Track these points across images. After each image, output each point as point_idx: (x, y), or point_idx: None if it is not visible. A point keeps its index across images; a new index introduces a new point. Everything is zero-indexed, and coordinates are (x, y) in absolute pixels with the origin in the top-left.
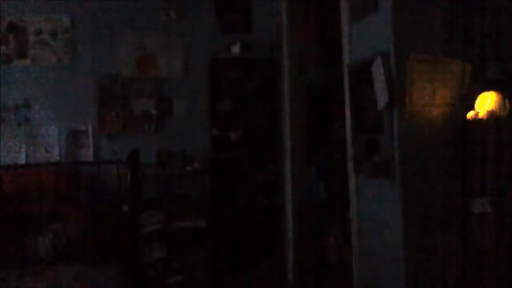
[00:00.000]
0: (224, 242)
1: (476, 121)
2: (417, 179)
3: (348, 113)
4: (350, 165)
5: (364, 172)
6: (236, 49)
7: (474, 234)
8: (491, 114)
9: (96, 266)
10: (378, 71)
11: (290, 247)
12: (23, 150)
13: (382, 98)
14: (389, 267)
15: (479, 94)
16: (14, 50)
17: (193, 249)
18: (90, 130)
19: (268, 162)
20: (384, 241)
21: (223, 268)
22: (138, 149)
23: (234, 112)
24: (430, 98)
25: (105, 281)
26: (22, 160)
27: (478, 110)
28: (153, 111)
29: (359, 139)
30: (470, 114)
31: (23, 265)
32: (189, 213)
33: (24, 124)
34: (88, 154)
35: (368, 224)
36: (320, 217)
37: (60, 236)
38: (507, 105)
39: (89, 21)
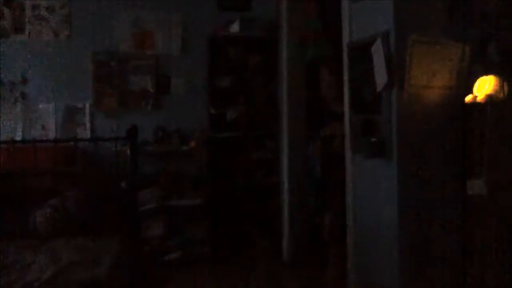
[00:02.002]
0: (221, 220)
1: (474, 104)
2: (414, 160)
3: (346, 92)
4: (347, 144)
5: (361, 152)
6: (235, 27)
7: (471, 214)
8: (490, 98)
9: (95, 240)
10: (378, 52)
11: (285, 225)
12: (19, 126)
13: (381, 78)
14: (384, 247)
15: (478, 76)
16: (11, 25)
17: (190, 226)
18: (87, 107)
19: (265, 140)
20: (380, 221)
21: (220, 245)
22: (137, 126)
23: (233, 90)
24: (429, 80)
25: (104, 255)
26: (18, 136)
27: (477, 94)
28: (151, 89)
29: (357, 118)
30: (468, 98)
31: (21, 238)
32: (186, 191)
33: (20, 100)
34: (85, 131)
35: (364, 204)
36: (316, 196)
37: (59, 211)
38: (506, 88)
39: None
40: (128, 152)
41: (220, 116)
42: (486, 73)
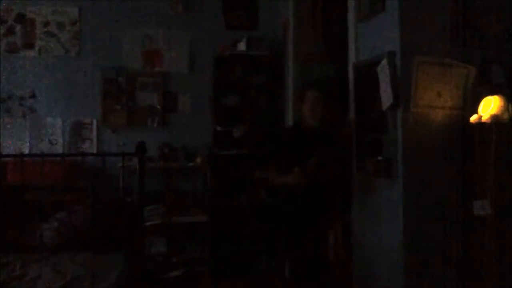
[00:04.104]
0: (224, 238)
1: (479, 124)
2: (419, 180)
3: (352, 112)
4: (353, 164)
5: (366, 171)
6: (242, 46)
7: (474, 235)
8: (494, 118)
9: (100, 255)
10: (383, 72)
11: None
12: (27, 140)
13: (386, 98)
14: (388, 267)
15: (483, 97)
16: (21, 41)
17: (194, 243)
18: (94, 123)
19: (270, 158)
20: (385, 240)
21: (222, 263)
22: (144, 142)
23: (238, 109)
24: (434, 100)
25: (109, 269)
26: (26, 151)
27: (482, 114)
28: (157, 106)
29: (363, 138)
30: (473, 118)
31: (27, 252)
32: (190, 208)
33: (29, 115)
34: (91, 146)
35: (369, 223)
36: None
37: (65, 225)
38: (510, 109)
39: (96, 14)
40: (136, 167)
41: (225, 134)
42: (491, 94)
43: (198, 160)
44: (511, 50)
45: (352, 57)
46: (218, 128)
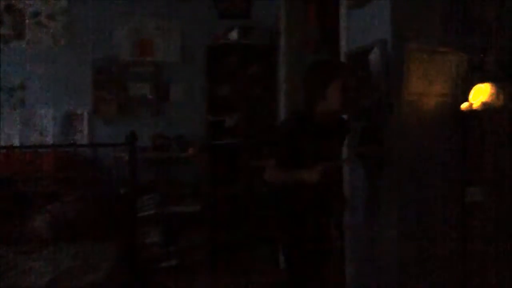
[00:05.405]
0: (219, 227)
1: (471, 112)
2: (413, 168)
3: None
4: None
5: (360, 161)
6: (234, 35)
7: (469, 222)
8: (486, 106)
9: (93, 246)
10: (376, 60)
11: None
12: (18, 132)
13: (379, 87)
14: (383, 257)
15: (475, 85)
16: (11, 32)
17: (188, 233)
18: (85, 114)
19: (264, 148)
20: (379, 230)
21: (218, 252)
22: (135, 132)
23: (232, 98)
24: (427, 88)
25: (102, 261)
26: (16, 143)
27: (473, 102)
28: (150, 96)
29: (356, 127)
30: (464, 106)
31: (20, 243)
32: (184, 197)
33: (19, 107)
34: (83, 137)
35: (363, 213)
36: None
37: (57, 216)
38: (501, 96)
39: (87, 3)
40: (127, 158)
41: (218, 124)
42: (483, 81)
43: (192, 149)
44: (503, 37)
45: (344, 45)
46: (211, 118)
